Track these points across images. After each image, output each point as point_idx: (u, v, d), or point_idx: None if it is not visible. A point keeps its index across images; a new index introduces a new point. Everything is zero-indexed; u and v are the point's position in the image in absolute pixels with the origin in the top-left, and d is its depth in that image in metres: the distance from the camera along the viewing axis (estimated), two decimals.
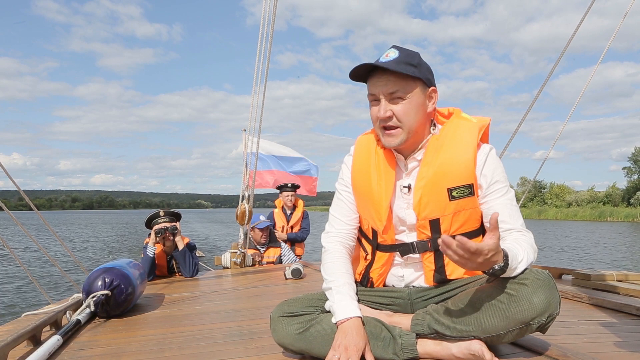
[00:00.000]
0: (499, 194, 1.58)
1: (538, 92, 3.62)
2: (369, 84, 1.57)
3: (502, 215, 1.53)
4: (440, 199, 1.56)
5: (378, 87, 1.53)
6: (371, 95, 1.57)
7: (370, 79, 1.56)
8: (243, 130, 6.09)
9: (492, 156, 1.60)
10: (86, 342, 2.07)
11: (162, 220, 4.08)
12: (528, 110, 3.66)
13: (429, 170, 1.58)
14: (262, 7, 4.06)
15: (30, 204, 3.41)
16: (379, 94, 1.54)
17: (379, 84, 1.53)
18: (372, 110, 1.58)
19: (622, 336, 1.83)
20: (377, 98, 1.55)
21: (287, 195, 6.09)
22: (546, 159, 4.18)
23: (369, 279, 1.73)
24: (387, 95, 1.53)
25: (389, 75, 1.51)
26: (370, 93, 1.57)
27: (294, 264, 3.98)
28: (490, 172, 1.58)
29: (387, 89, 1.52)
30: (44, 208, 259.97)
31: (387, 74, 1.52)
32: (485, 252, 1.29)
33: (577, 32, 3.50)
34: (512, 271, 1.41)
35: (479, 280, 1.58)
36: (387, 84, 1.52)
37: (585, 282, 2.94)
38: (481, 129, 1.61)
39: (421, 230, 1.61)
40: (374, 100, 1.56)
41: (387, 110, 1.53)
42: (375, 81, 1.54)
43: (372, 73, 1.55)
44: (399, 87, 1.52)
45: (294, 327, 1.58)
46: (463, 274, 1.62)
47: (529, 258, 1.46)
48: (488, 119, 1.66)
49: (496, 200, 1.56)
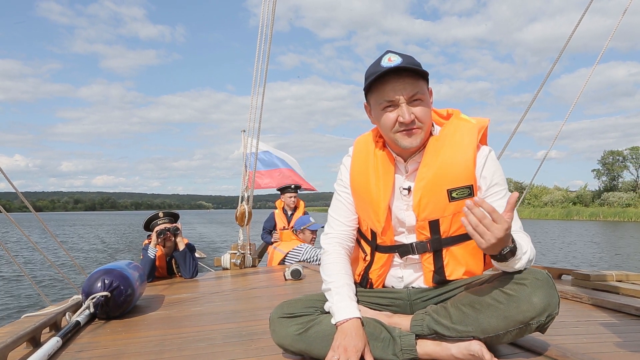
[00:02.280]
0: (498, 196, 1.58)
1: (536, 92, 3.62)
2: (382, 90, 1.52)
3: None
4: (440, 200, 1.56)
5: (398, 91, 1.49)
6: (388, 101, 1.51)
7: (383, 85, 1.51)
8: (242, 131, 6.09)
9: (491, 158, 1.60)
10: (86, 344, 2.06)
11: (162, 221, 4.09)
12: (526, 111, 3.66)
13: (429, 171, 1.57)
14: (262, 9, 4.07)
15: (28, 205, 3.41)
16: (399, 99, 1.50)
17: (398, 88, 1.49)
18: (389, 116, 1.53)
19: (621, 336, 1.83)
20: (395, 103, 1.51)
21: (289, 196, 6.08)
22: (544, 160, 4.17)
23: (369, 280, 1.73)
24: (408, 99, 1.50)
25: (405, 78, 1.49)
26: (387, 99, 1.51)
27: (293, 265, 3.98)
28: (490, 174, 1.58)
29: (408, 92, 1.49)
30: (47, 210, 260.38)
31: (403, 77, 1.49)
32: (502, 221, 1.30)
33: (575, 32, 3.51)
34: (516, 262, 1.41)
35: (478, 281, 1.58)
36: (406, 87, 1.49)
37: (584, 282, 2.94)
38: (480, 130, 1.61)
39: (420, 232, 1.61)
40: (390, 106, 1.52)
41: (411, 114, 1.51)
42: (393, 86, 1.50)
43: (383, 79, 1.51)
44: (418, 89, 1.51)
45: (294, 328, 1.58)
46: (462, 275, 1.62)
47: (531, 251, 1.47)
48: (487, 120, 1.66)
49: (495, 203, 1.55)
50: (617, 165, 61.37)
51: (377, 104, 1.56)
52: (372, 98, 1.59)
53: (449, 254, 1.61)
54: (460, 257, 1.61)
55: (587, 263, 12.69)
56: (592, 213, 51.49)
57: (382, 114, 1.55)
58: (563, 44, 3.59)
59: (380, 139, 1.69)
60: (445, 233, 1.59)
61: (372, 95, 1.58)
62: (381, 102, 1.54)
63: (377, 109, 1.57)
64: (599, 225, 38.03)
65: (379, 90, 1.53)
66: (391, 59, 1.51)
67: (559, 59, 3.55)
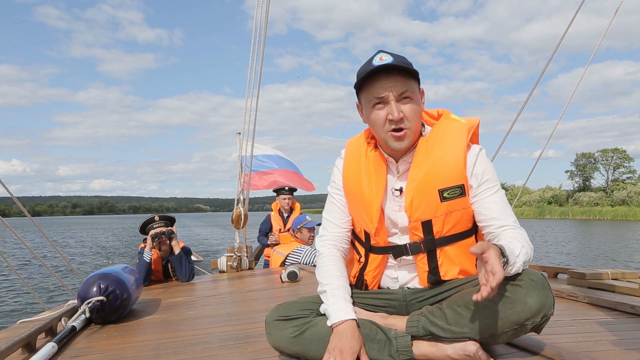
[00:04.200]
0: (490, 192, 1.57)
1: (530, 92, 3.63)
2: (372, 87, 1.53)
3: (494, 212, 1.54)
4: (431, 201, 1.56)
5: (387, 88, 1.50)
6: (378, 98, 1.53)
7: (373, 83, 1.53)
8: (237, 133, 6.09)
9: (482, 156, 1.60)
10: (82, 349, 2.06)
11: (158, 225, 4.08)
12: (520, 110, 3.67)
13: (420, 172, 1.58)
14: (255, 11, 4.07)
15: (24, 210, 3.40)
16: (388, 95, 1.51)
17: (388, 85, 1.50)
18: (379, 114, 1.54)
19: (617, 335, 1.83)
20: (385, 101, 1.52)
21: (284, 198, 6.08)
22: (539, 160, 4.19)
23: (364, 282, 1.73)
24: (397, 96, 1.51)
25: (395, 76, 1.50)
26: (376, 96, 1.53)
27: (290, 267, 3.97)
28: (480, 172, 1.58)
29: (398, 90, 1.50)
30: (46, 214, 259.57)
31: (393, 75, 1.50)
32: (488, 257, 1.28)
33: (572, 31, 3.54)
34: (511, 268, 1.40)
35: (473, 282, 1.58)
36: (396, 85, 1.50)
37: (580, 280, 2.94)
38: (470, 129, 1.61)
39: (414, 232, 1.61)
40: (380, 103, 1.53)
41: (400, 112, 1.51)
42: (383, 83, 1.51)
43: (374, 77, 1.52)
44: (407, 86, 1.51)
45: (289, 331, 1.58)
46: (457, 275, 1.62)
47: (526, 253, 1.45)
48: (477, 119, 1.66)
49: (487, 198, 1.56)
50: (589, 167, 65.31)
51: (367, 102, 1.57)
52: (363, 96, 1.60)
53: (443, 254, 1.61)
54: (455, 257, 1.61)
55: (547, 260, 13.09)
56: (562, 212, 55.46)
57: (372, 111, 1.56)
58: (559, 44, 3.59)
59: (372, 140, 1.69)
60: (439, 233, 1.59)
61: (363, 94, 1.59)
62: (371, 100, 1.55)
63: (367, 106, 1.58)
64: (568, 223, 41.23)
65: (369, 88, 1.54)
66: (382, 58, 1.52)
67: (551, 59, 3.57)
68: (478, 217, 1.59)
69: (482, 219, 1.57)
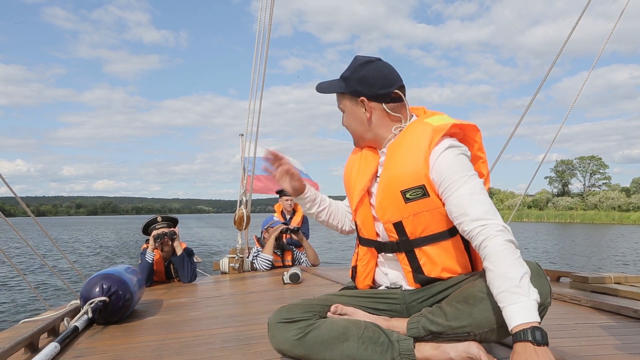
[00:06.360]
0: (455, 187, 1.51)
1: (534, 95, 3.63)
2: None
3: (463, 207, 1.48)
4: (397, 202, 1.58)
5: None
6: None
7: None
8: (240, 135, 6.09)
9: (444, 154, 1.54)
10: (84, 349, 2.06)
11: (160, 225, 4.08)
12: (524, 114, 3.67)
13: (386, 174, 1.62)
14: (259, 13, 4.08)
15: (27, 210, 3.41)
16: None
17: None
18: None
19: (620, 339, 1.83)
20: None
21: (286, 199, 6.08)
22: (542, 163, 4.18)
23: (356, 273, 1.78)
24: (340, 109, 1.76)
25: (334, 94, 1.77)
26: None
27: (292, 268, 3.97)
28: (441, 170, 1.53)
29: (337, 103, 1.77)
30: (50, 214, 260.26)
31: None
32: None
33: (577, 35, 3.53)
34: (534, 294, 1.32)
35: (471, 278, 1.58)
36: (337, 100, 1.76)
37: (583, 284, 2.94)
38: (438, 130, 1.57)
39: (389, 233, 1.64)
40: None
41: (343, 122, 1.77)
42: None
43: None
44: (339, 101, 1.75)
45: (292, 333, 1.58)
46: (440, 273, 1.61)
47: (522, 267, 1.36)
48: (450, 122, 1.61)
49: (454, 194, 1.50)
50: (567, 173, 71.65)
51: None
52: None
53: (423, 254, 1.61)
54: (436, 257, 1.60)
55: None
56: (538, 215, 60.71)
57: None
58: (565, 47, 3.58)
59: None
60: (413, 234, 1.59)
61: None
62: None
63: None
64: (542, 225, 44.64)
65: None
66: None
67: (555, 62, 3.56)
68: (450, 216, 1.53)
69: (454, 216, 1.51)
